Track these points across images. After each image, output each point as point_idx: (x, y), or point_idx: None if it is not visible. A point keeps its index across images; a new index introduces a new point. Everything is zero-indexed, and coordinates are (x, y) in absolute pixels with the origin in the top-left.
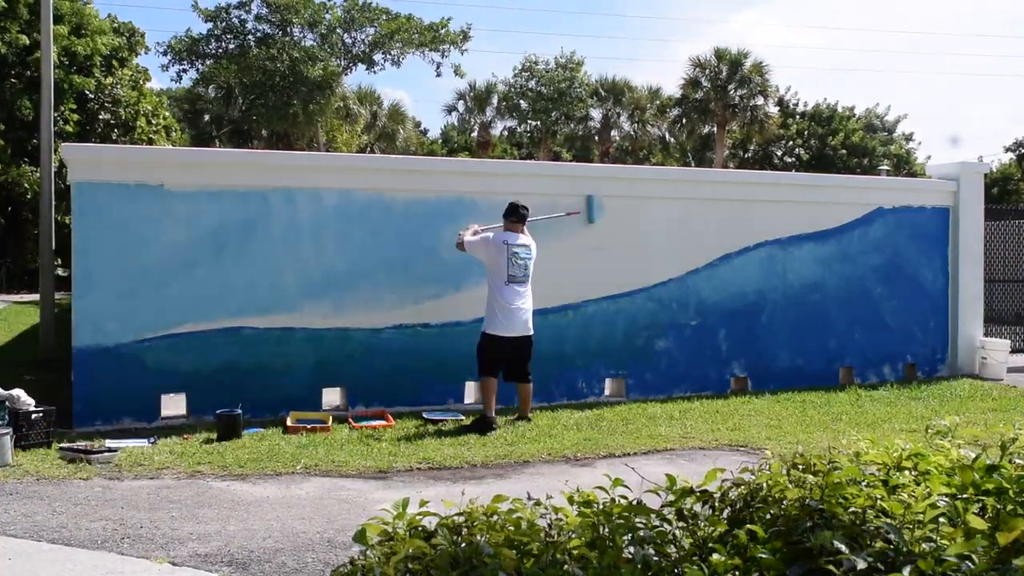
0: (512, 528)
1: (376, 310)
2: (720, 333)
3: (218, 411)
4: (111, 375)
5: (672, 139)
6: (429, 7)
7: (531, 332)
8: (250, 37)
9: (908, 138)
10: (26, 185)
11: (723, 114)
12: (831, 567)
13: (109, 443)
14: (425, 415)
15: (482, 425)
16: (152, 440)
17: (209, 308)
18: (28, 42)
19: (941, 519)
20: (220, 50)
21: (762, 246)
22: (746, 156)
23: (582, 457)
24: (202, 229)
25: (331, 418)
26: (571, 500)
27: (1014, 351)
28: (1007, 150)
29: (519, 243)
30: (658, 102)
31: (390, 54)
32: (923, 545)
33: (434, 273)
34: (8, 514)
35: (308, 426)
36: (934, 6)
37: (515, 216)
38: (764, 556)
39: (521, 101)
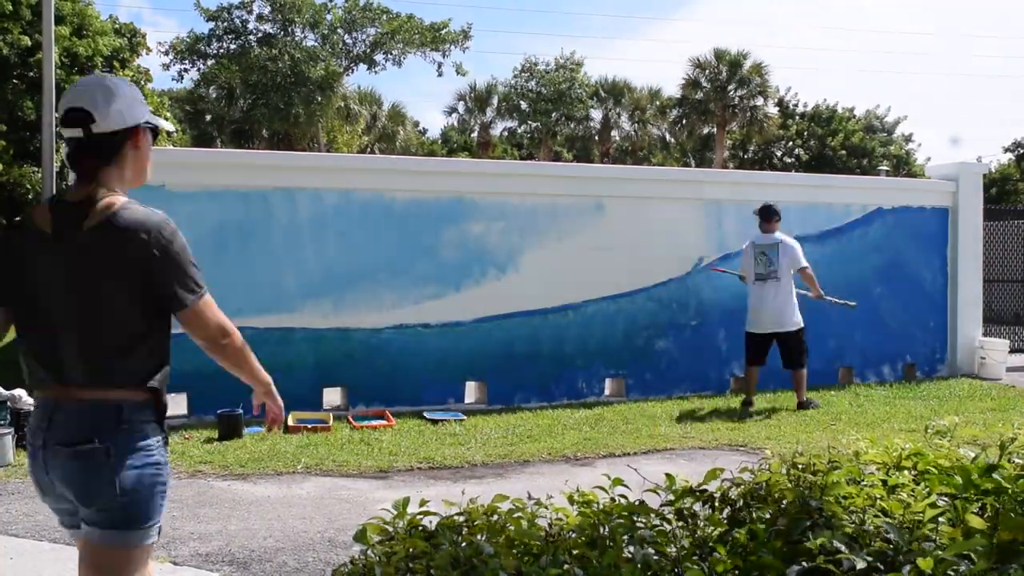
0: (512, 528)
1: (376, 310)
2: (720, 333)
3: (219, 411)
4: None
5: (672, 139)
6: (430, 7)
7: (784, 328)
8: (251, 37)
9: (908, 139)
10: (28, 186)
11: (723, 114)
12: (831, 567)
13: None
14: (425, 415)
15: (742, 408)
16: None
17: None
18: (30, 43)
19: (941, 519)
20: (221, 50)
21: None
22: (746, 156)
23: (582, 457)
24: (202, 229)
25: (331, 418)
26: (571, 500)
27: (1013, 351)
28: (1006, 150)
29: (766, 243)
30: (658, 102)
31: (391, 54)
32: (923, 545)
33: (434, 273)
34: (10, 513)
35: (309, 426)
36: (934, 6)
37: (764, 215)
38: (764, 556)
39: (521, 102)
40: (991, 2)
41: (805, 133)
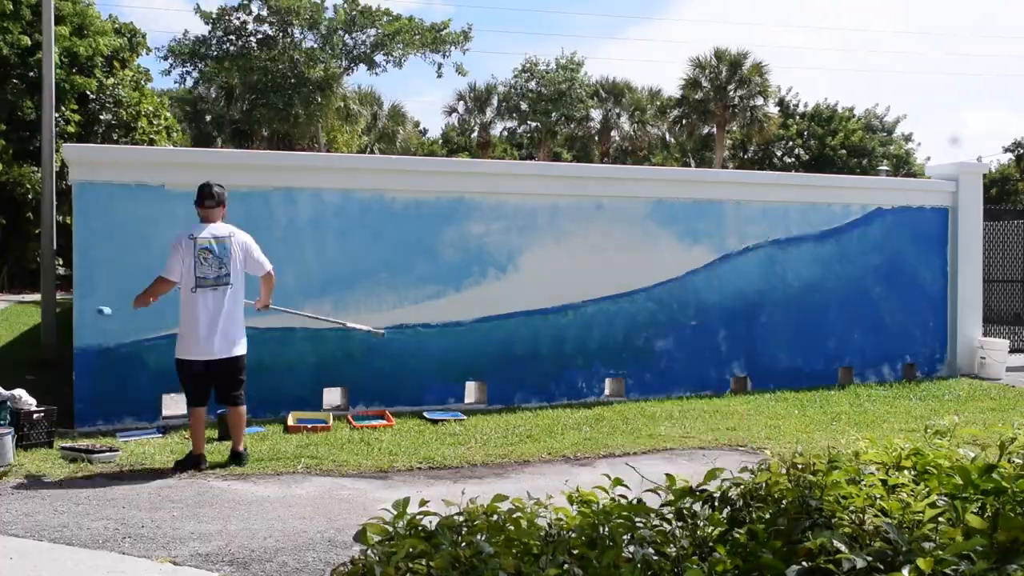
0: (512, 528)
1: (376, 310)
2: (720, 333)
3: (219, 411)
4: (112, 375)
5: (672, 139)
6: (430, 7)
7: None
8: (251, 39)
9: (907, 138)
10: (28, 185)
11: (723, 114)
12: (831, 567)
13: (122, 436)
14: (425, 415)
15: None
16: (161, 431)
17: None
18: (30, 43)
19: (940, 519)
20: (221, 51)
21: (762, 246)
22: (746, 156)
23: (582, 457)
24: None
25: (331, 417)
26: (571, 500)
27: (1013, 351)
28: (1006, 150)
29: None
30: (658, 103)
31: (391, 55)
32: (923, 545)
33: (434, 273)
34: (10, 513)
35: (309, 426)
36: (934, 6)
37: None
38: (764, 556)
39: (521, 102)
40: (992, 2)
41: (805, 133)
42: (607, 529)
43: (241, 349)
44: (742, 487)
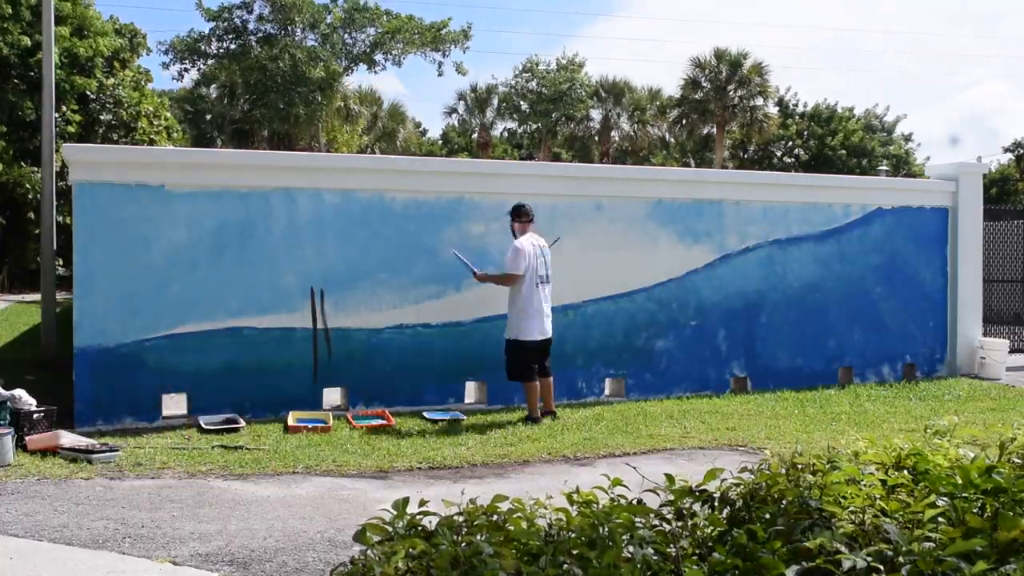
0: (512, 528)
1: (376, 310)
2: (720, 333)
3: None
4: (112, 375)
5: (672, 139)
6: (431, 7)
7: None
8: (251, 37)
9: (907, 138)
10: (28, 185)
11: (723, 114)
12: (831, 567)
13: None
14: (425, 415)
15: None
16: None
17: (209, 308)
18: (30, 43)
19: (940, 519)
20: (222, 50)
21: (762, 246)
22: (745, 156)
23: (582, 457)
24: (202, 229)
25: (331, 417)
26: (571, 500)
27: (1013, 351)
28: (1006, 150)
29: (542, 243)
30: (658, 103)
31: (391, 54)
32: (923, 545)
33: (434, 273)
34: (10, 514)
35: (309, 426)
36: (935, 6)
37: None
38: (764, 556)
39: (521, 102)
40: (992, 2)
41: (805, 133)
42: (607, 529)
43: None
44: (742, 487)
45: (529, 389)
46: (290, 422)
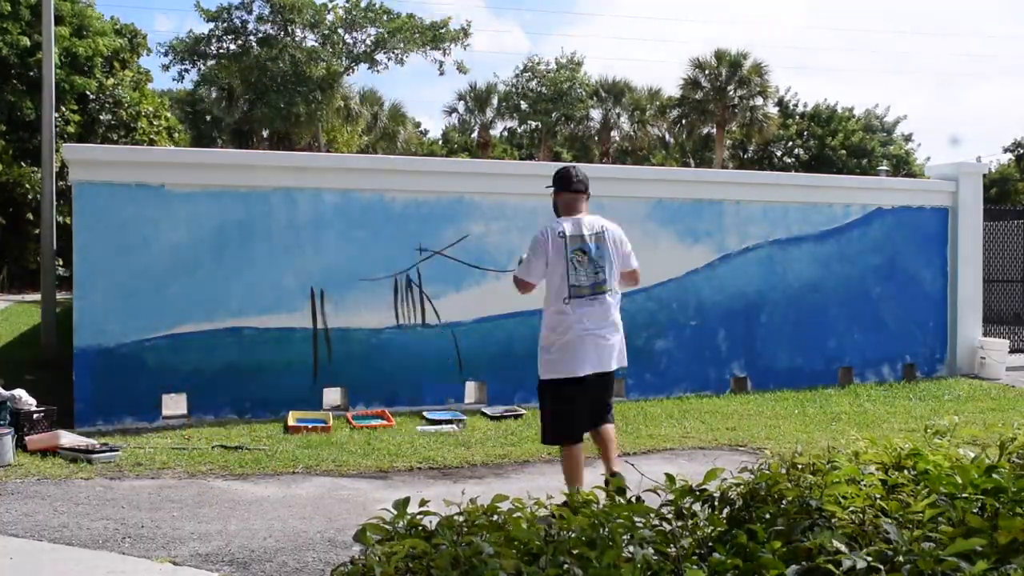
0: (512, 528)
1: (376, 310)
2: (720, 333)
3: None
4: (112, 375)
5: (672, 139)
6: (431, 7)
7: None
8: (251, 38)
9: (907, 138)
10: (27, 185)
11: (722, 114)
12: (831, 567)
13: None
14: (425, 415)
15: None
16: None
17: (209, 308)
18: (29, 43)
19: (940, 519)
20: (222, 50)
21: (762, 246)
22: (745, 156)
23: None
24: (202, 229)
25: (331, 417)
26: (571, 500)
27: (1013, 351)
28: (1006, 151)
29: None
30: (658, 102)
31: (392, 53)
32: (923, 545)
33: (434, 273)
34: (10, 514)
35: (309, 426)
36: (934, 6)
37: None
38: (764, 556)
39: (521, 102)
40: (993, 2)
41: (805, 133)
42: (607, 529)
43: None
44: (742, 487)
45: (565, 457)
46: (290, 422)
